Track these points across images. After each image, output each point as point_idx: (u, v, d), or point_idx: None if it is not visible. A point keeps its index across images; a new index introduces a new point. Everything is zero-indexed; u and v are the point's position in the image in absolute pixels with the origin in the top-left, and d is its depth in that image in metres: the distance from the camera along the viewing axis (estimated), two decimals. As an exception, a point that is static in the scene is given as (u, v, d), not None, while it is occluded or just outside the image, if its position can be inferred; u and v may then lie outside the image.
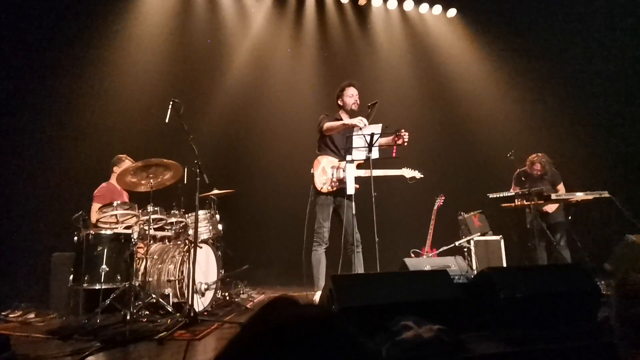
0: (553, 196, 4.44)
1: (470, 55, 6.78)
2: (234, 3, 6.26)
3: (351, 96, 3.88)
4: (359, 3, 6.77)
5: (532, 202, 4.42)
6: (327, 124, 3.80)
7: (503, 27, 6.27)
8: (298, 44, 6.62)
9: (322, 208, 3.80)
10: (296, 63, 6.64)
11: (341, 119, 3.89)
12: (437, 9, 6.91)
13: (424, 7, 6.91)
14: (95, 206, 3.84)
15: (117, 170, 4.00)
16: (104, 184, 4.11)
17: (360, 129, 3.61)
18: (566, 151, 4.94)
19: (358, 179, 3.78)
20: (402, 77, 6.76)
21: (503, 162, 4.94)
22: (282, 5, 6.47)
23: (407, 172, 3.91)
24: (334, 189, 3.77)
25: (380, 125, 3.60)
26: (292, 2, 6.52)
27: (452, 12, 6.94)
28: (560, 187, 4.76)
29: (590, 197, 4.36)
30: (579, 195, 4.41)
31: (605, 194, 4.32)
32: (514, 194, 4.60)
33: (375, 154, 3.63)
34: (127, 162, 4.02)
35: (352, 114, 3.88)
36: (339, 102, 3.96)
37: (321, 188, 3.76)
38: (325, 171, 3.80)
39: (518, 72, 6.21)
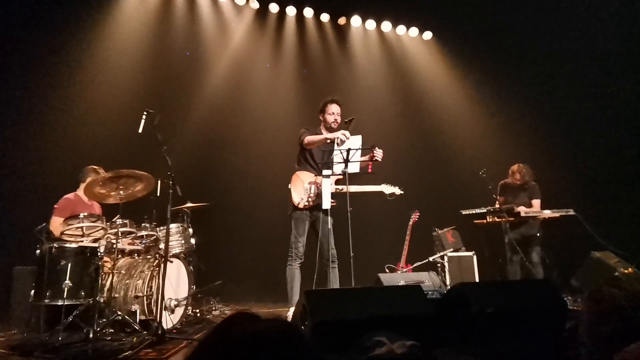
0: (522, 213, 4.57)
1: (445, 76, 7.02)
2: (215, 16, 6.28)
3: (332, 114, 3.87)
4: (338, 22, 6.93)
5: (503, 219, 4.53)
6: (308, 138, 3.78)
7: (475, 50, 6.54)
8: (278, 60, 6.68)
9: (298, 222, 3.77)
10: (275, 78, 6.69)
11: (321, 134, 3.90)
12: (414, 31, 7.15)
13: (401, 29, 7.14)
14: (55, 219, 3.66)
15: (82, 182, 3.88)
16: (68, 196, 3.92)
17: (343, 142, 3.60)
18: (536, 169, 5.12)
19: (336, 195, 3.77)
20: (379, 95, 6.91)
21: (476, 179, 5.08)
22: (262, 21, 6.54)
23: (387, 189, 3.90)
24: (311, 204, 3.76)
25: (360, 136, 3.63)
26: (273, 18, 6.60)
27: (427, 35, 7.20)
28: (535, 203, 4.77)
29: (557, 214, 4.52)
30: (546, 213, 4.56)
31: (571, 212, 4.49)
32: (485, 210, 4.71)
33: (353, 168, 3.65)
34: (94, 174, 3.88)
35: (331, 130, 3.89)
36: (320, 117, 3.97)
37: (298, 203, 3.74)
38: (302, 186, 3.79)
39: (490, 93, 6.45)
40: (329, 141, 3.73)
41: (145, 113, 3.26)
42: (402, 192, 3.93)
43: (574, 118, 5.89)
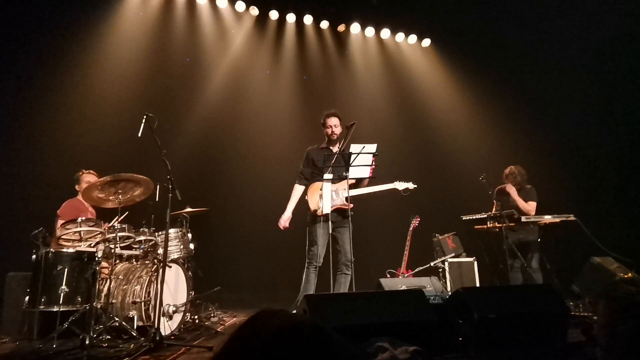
0: (523, 218, 4.55)
1: (444, 82, 7.05)
2: (215, 23, 6.31)
3: (329, 127, 4.00)
4: (337, 29, 6.97)
5: (503, 224, 4.51)
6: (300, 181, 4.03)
7: (474, 57, 6.58)
8: (277, 66, 6.70)
9: (314, 229, 3.83)
10: (275, 84, 6.70)
11: (327, 148, 4.03)
12: (412, 38, 7.21)
13: (400, 36, 7.19)
14: (59, 223, 3.65)
15: (77, 188, 3.92)
16: (68, 201, 3.93)
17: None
18: (535, 174, 5.11)
19: (352, 198, 3.81)
20: (379, 100, 6.93)
21: (476, 185, 5.07)
22: (262, 28, 6.57)
23: (400, 185, 4.00)
24: (325, 212, 3.83)
25: (375, 145, 3.67)
26: (272, 26, 6.64)
27: (426, 42, 7.26)
28: (531, 204, 4.71)
29: (557, 219, 4.49)
30: (547, 218, 4.53)
31: (572, 217, 4.47)
32: (486, 216, 4.69)
33: (359, 173, 3.67)
34: (89, 177, 3.88)
35: (332, 141, 4.01)
36: (324, 130, 4.10)
37: (315, 210, 3.82)
38: (319, 194, 3.86)
39: (488, 99, 6.47)
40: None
41: (144, 117, 3.24)
42: (416, 185, 4.00)
43: (574, 123, 5.90)
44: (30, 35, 4.85)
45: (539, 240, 4.64)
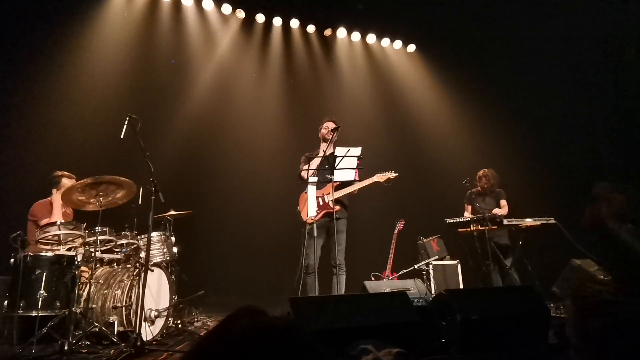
0: (505, 222, 4.63)
1: (428, 86, 7.16)
2: (201, 25, 6.28)
3: (325, 128, 4.21)
4: (324, 34, 7.01)
5: (487, 227, 4.58)
6: (303, 172, 4.06)
7: (457, 62, 6.70)
8: (264, 70, 6.70)
9: (307, 237, 3.91)
10: (261, 88, 6.69)
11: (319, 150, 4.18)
12: (398, 43, 7.31)
13: (386, 41, 7.28)
14: (32, 226, 3.56)
15: (55, 190, 3.77)
16: (39, 202, 3.80)
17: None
18: (517, 178, 5.22)
19: (338, 201, 3.89)
20: (364, 104, 6.99)
21: (460, 188, 5.15)
22: (248, 31, 6.57)
23: (381, 177, 4.01)
24: (319, 216, 3.92)
25: (360, 148, 3.72)
26: (259, 29, 6.64)
27: (411, 47, 7.36)
28: (502, 203, 4.91)
29: (538, 222, 4.59)
30: (528, 221, 4.63)
31: (552, 220, 4.57)
32: (469, 219, 4.75)
33: (344, 175, 3.69)
34: (66, 181, 3.78)
35: (325, 140, 4.19)
36: (320, 135, 4.27)
37: (305, 220, 3.91)
38: (307, 204, 3.93)
39: (472, 103, 6.59)
40: (319, 155, 3.98)
41: (127, 118, 3.20)
42: (397, 174, 3.99)
43: (556, 127, 6.04)
44: (10, 34, 4.74)
45: (520, 243, 4.69)
